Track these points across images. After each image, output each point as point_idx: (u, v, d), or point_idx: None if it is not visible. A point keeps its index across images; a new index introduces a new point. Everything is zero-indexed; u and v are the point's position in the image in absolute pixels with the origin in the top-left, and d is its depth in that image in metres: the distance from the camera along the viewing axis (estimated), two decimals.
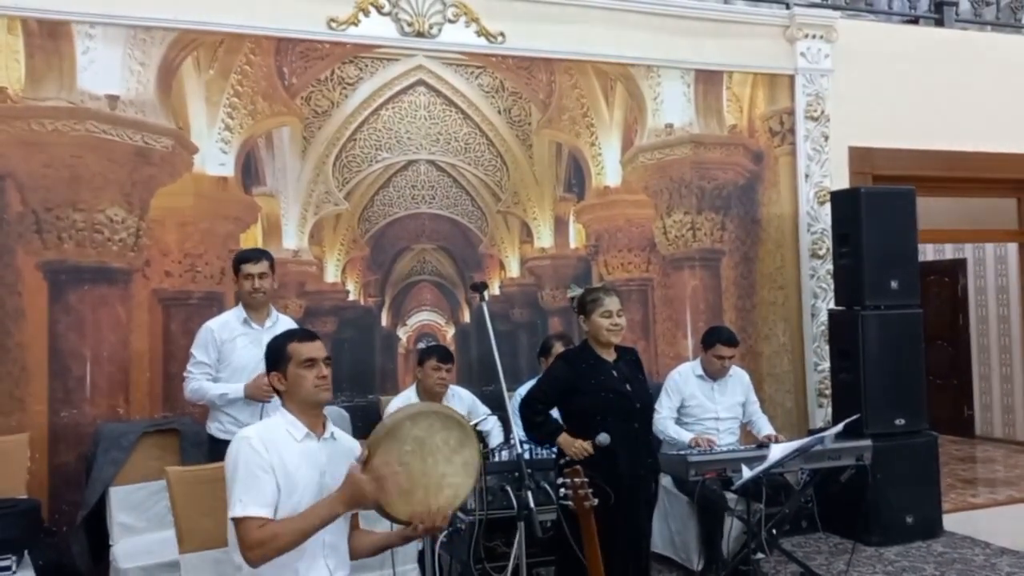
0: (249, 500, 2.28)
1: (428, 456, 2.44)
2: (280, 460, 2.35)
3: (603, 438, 3.14)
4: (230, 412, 3.68)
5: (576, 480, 2.53)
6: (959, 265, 8.62)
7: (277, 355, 2.49)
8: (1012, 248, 7.77)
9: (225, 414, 3.69)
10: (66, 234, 4.11)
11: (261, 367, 3.53)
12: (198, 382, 3.70)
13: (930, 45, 5.91)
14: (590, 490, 2.53)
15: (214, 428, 3.76)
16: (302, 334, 2.57)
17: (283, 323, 3.76)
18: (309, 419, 2.47)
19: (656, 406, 4.40)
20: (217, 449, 3.64)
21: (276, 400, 3.44)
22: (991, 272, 8.31)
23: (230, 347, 3.73)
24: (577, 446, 3.18)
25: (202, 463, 3.64)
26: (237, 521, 2.29)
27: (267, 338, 3.58)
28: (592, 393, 3.24)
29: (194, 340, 3.79)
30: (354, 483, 2.33)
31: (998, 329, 8.26)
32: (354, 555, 2.57)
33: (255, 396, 3.58)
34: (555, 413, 4.28)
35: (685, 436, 4.33)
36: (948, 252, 8.71)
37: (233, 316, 3.81)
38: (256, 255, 3.80)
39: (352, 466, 2.40)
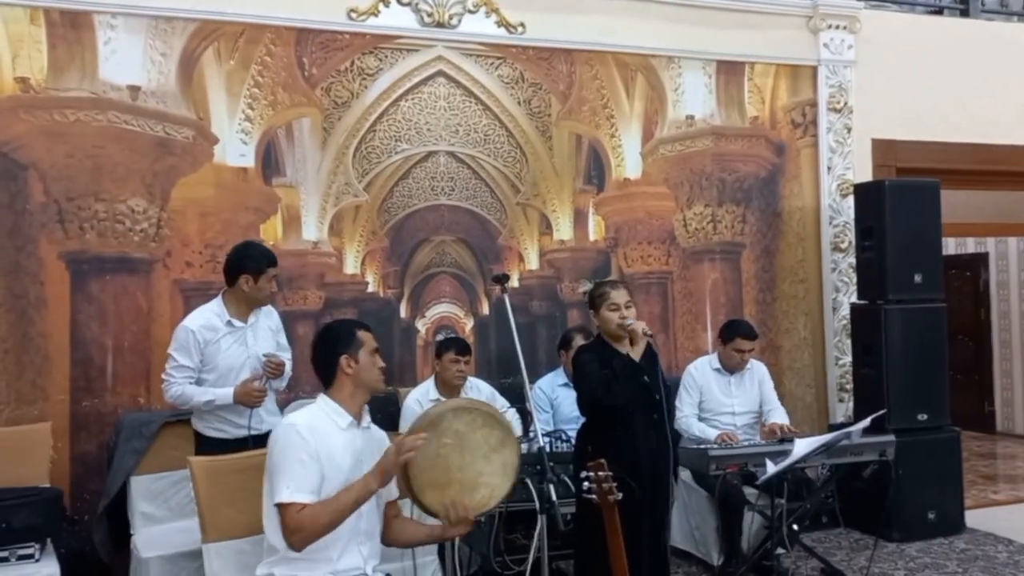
0: (296, 486, 2.34)
1: (467, 452, 2.48)
2: (326, 448, 2.41)
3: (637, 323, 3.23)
4: (217, 411, 3.53)
5: (600, 474, 2.51)
6: (981, 259, 8.53)
7: (348, 339, 2.54)
8: None
9: (211, 412, 3.53)
10: (88, 224, 4.13)
11: (248, 367, 3.50)
12: (180, 387, 3.46)
13: (955, 36, 5.83)
14: (614, 483, 2.52)
15: (201, 426, 3.57)
16: (363, 324, 2.65)
17: (266, 312, 3.64)
18: (357, 407, 2.53)
19: (677, 404, 4.38)
20: (203, 447, 3.53)
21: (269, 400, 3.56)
22: (1014, 266, 8.23)
23: (214, 349, 3.49)
24: (636, 327, 3.16)
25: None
26: (282, 507, 2.34)
27: (251, 335, 3.55)
28: None
29: (172, 341, 3.53)
30: (386, 458, 2.39)
31: (1020, 324, 8.18)
32: (398, 543, 2.65)
33: (244, 402, 3.43)
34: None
35: (710, 433, 4.30)
36: (970, 246, 8.63)
37: (214, 315, 3.52)
38: (277, 258, 3.61)
39: (388, 448, 2.45)
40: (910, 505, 4.82)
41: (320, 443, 2.39)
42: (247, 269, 3.48)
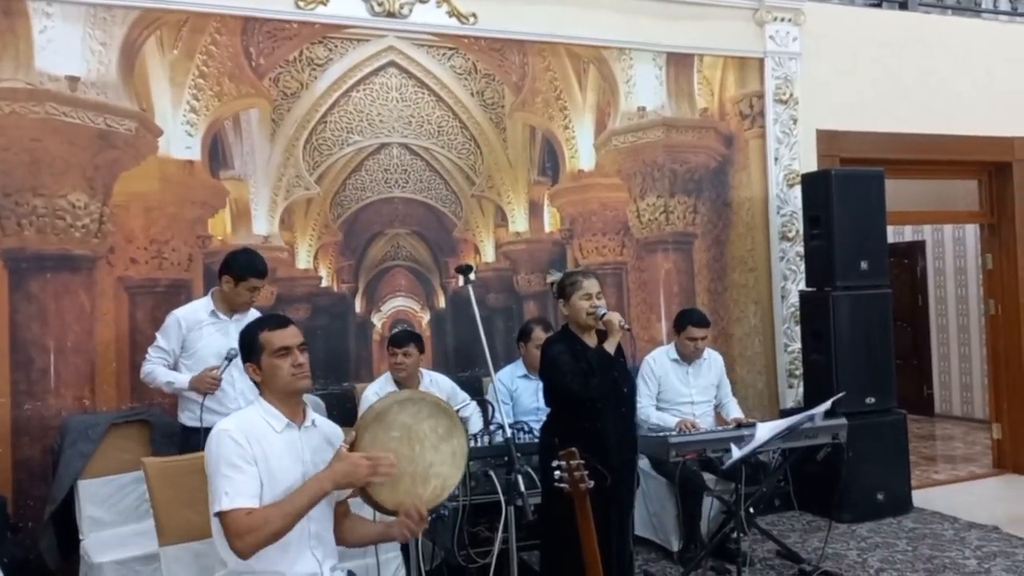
0: (235, 492, 2.23)
1: (416, 443, 2.41)
2: (262, 452, 2.30)
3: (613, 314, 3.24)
4: (198, 399, 3.63)
5: (572, 462, 2.50)
6: (918, 247, 8.78)
7: (250, 345, 2.42)
8: (970, 230, 7.95)
9: (195, 402, 3.64)
10: (26, 220, 3.96)
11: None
12: (152, 366, 3.72)
13: (894, 28, 5.98)
14: (586, 472, 2.51)
15: (186, 417, 3.73)
16: (274, 321, 2.47)
17: (252, 315, 3.71)
18: (289, 408, 2.41)
19: (638, 389, 4.41)
20: (188, 438, 3.66)
21: (227, 392, 3.62)
22: (949, 254, 8.49)
23: (196, 335, 3.72)
24: (612, 319, 3.18)
25: (174, 454, 3.55)
26: (223, 514, 2.22)
27: (234, 328, 3.65)
28: None
29: (162, 325, 3.79)
30: (346, 463, 2.29)
31: (956, 309, 8.44)
32: (347, 542, 2.53)
33: (199, 389, 3.59)
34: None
35: (670, 421, 4.34)
36: (907, 234, 8.87)
37: (201, 306, 3.80)
38: (266, 270, 3.79)
39: (340, 447, 2.36)
40: (859, 486, 4.93)
41: (256, 447, 2.28)
42: (231, 271, 3.70)
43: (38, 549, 3.75)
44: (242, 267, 3.69)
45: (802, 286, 5.47)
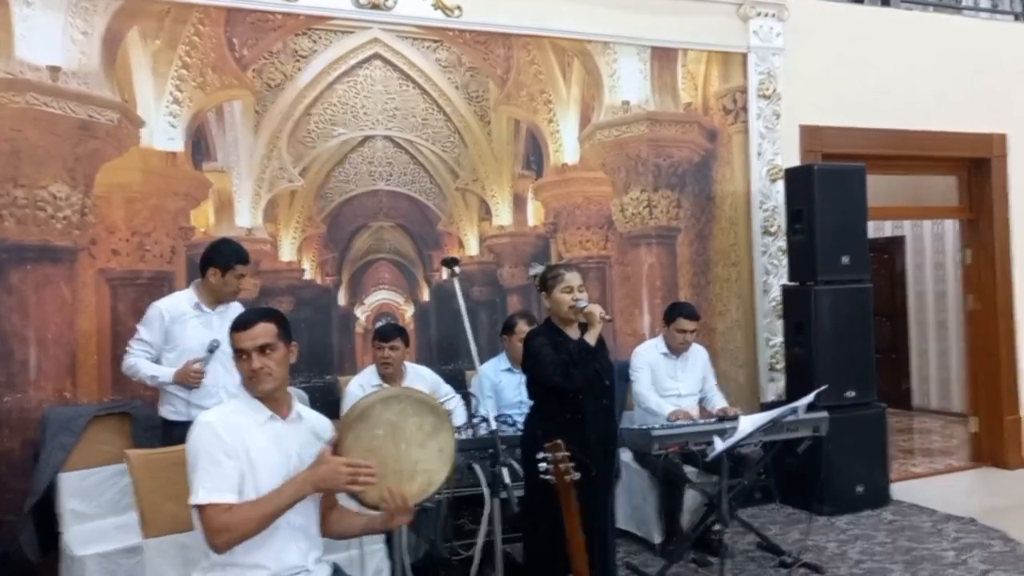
0: (212, 486, 2.23)
1: (401, 441, 2.41)
2: (243, 444, 2.29)
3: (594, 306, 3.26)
4: (179, 393, 3.63)
5: (557, 454, 2.51)
6: (897, 242, 8.86)
7: (230, 342, 2.43)
8: (949, 225, 8.03)
9: (176, 396, 3.64)
10: (7, 211, 3.92)
11: None
12: (135, 358, 3.67)
13: (876, 24, 6.02)
14: (571, 464, 2.52)
15: (167, 411, 3.72)
16: (238, 320, 2.44)
17: (235, 308, 3.69)
18: (270, 401, 2.40)
19: (634, 378, 4.47)
20: (170, 432, 3.64)
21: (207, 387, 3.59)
22: (928, 249, 8.57)
23: (180, 328, 3.68)
24: (593, 310, 3.19)
25: (155, 447, 3.54)
26: (200, 508, 2.23)
27: (218, 321, 3.67)
28: None
29: (143, 317, 3.74)
30: (326, 467, 2.29)
31: (935, 305, 8.53)
32: (333, 534, 2.54)
33: (182, 382, 3.57)
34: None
35: (666, 409, 4.38)
36: (887, 230, 8.94)
37: (184, 298, 3.75)
38: (248, 257, 3.77)
39: (323, 449, 2.36)
40: (839, 479, 4.99)
41: (237, 439, 2.28)
42: (216, 263, 3.67)
43: (18, 543, 3.72)
44: (227, 256, 3.67)
45: (784, 280, 5.51)
